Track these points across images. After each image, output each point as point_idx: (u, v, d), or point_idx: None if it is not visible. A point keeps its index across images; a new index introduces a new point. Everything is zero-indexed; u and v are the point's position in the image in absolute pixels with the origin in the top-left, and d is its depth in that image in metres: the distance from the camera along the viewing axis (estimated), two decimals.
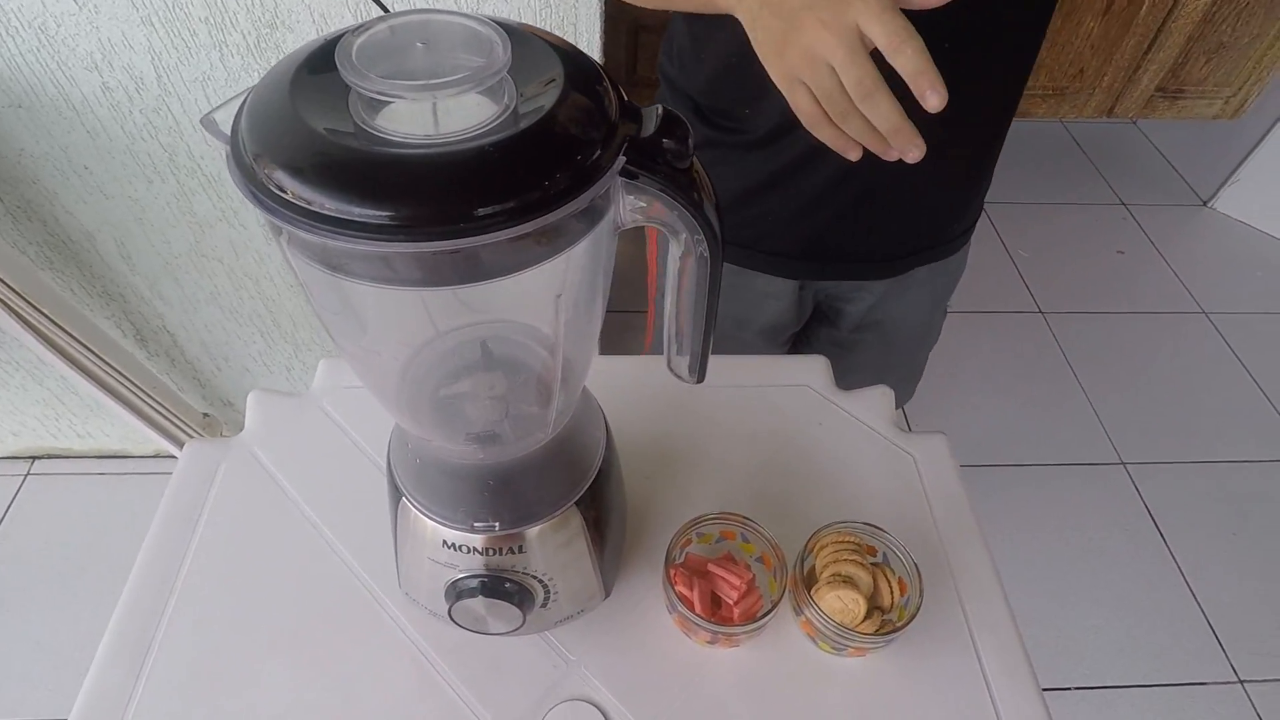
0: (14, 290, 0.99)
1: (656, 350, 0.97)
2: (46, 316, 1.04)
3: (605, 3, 0.86)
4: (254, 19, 0.83)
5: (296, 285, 1.17)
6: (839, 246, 0.79)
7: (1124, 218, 2.27)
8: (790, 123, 0.66)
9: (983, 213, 0.86)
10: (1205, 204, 2.33)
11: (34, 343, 1.04)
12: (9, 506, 1.44)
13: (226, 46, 0.85)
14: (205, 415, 1.41)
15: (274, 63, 0.89)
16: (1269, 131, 2.13)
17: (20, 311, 1.01)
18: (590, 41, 0.88)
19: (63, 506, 1.45)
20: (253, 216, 1.05)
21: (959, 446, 0.69)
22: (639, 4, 0.61)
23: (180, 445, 1.31)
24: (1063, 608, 1.44)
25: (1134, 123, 2.60)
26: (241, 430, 0.67)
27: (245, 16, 0.82)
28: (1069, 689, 1.34)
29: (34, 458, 1.50)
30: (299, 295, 1.19)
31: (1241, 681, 1.35)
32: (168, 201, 1.02)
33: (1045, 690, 0.54)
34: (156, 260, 1.10)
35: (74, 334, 1.08)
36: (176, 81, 0.88)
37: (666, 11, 0.71)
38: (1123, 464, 1.66)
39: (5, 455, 1.49)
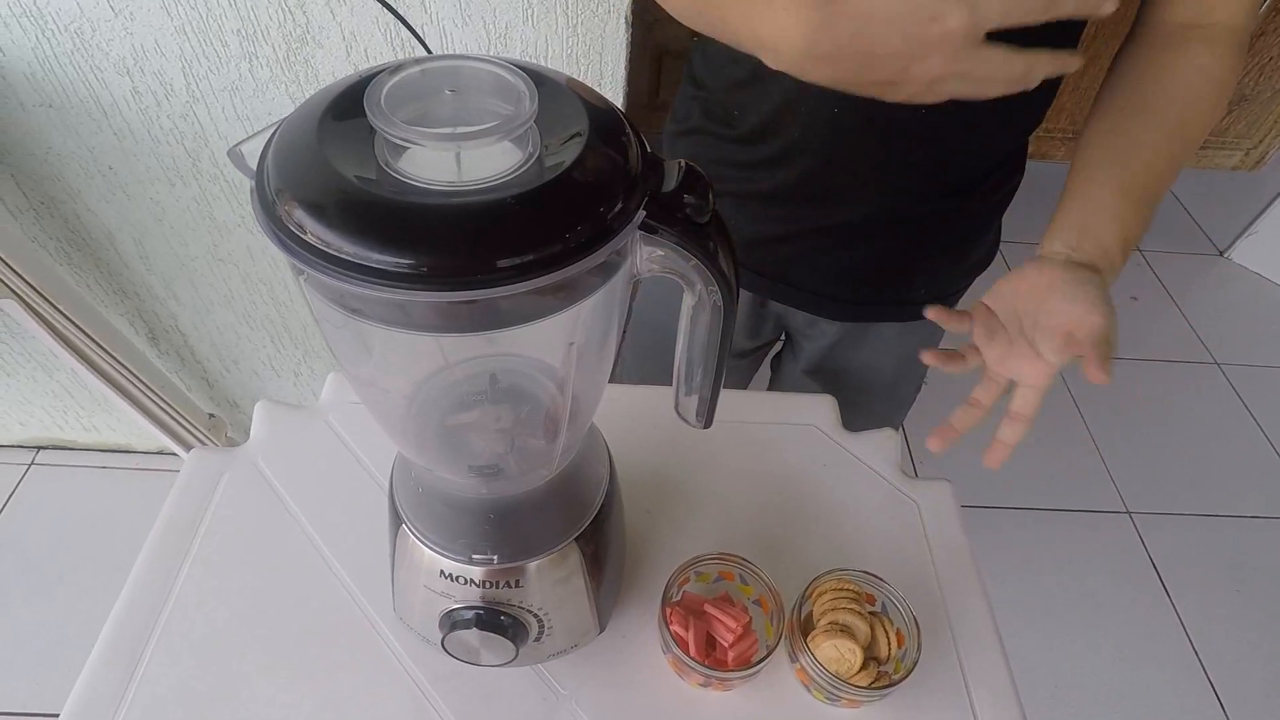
0: (30, 285, 1.00)
1: (628, 373, 0.96)
2: (61, 312, 1.05)
3: (631, 30, 0.87)
4: (285, 33, 0.84)
5: None
6: (792, 270, 0.77)
7: (1139, 264, 2.27)
8: (793, 144, 0.66)
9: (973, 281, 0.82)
10: (1222, 254, 2.32)
11: (46, 337, 1.05)
12: (11, 494, 1.45)
13: (256, 58, 0.86)
14: (211, 416, 1.41)
15: (302, 77, 0.90)
16: None
17: (35, 306, 1.02)
18: (615, 70, 0.89)
19: (65, 497, 1.46)
20: None
21: (962, 485, 0.68)
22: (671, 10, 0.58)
23: (184, 444, 1.32)
24: (1059, 655, 1.42)
25: None
26: (246, 433, 0.67)
27: (276, 30, 0.84)
28: None
29: (39, 447, 1.51)
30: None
31: None
32: (188, 205, 1.03)
33: None
34: (174, 261, 1.11)
35: (87, 330, 1.09)
36: (205, 90, 0.89)
37: (693, 36, 0.71)
38: (1128, 513, 1.65)
39: (11, 444, 1.50)
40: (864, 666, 0.52)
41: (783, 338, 0.95)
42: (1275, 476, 1.74)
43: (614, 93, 0.91)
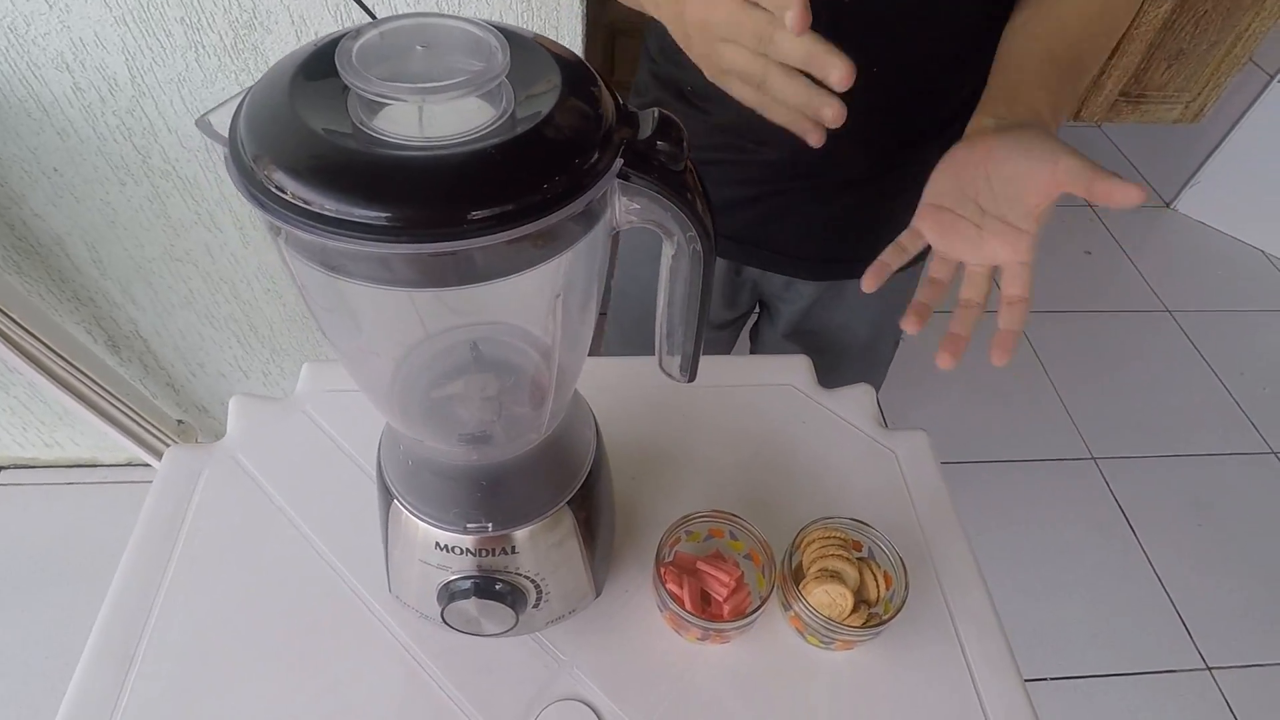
0: None
1: (611, 350, 0.97)
2: (15, 321, 1.01)
3: (587, 7, 0.87)
4: (231, 19, 0.82)
5: (274, 290, 1.15)
6: (764, 231, 0.77)
7: (1091, 219, 2.33)
8: (750, 111, 0.67)
9: None
10: (1168, 206, 2.39)
11: (2, 349, 1.02)
12: None
13: (203, 47, 0.84)
14: (180, 422, 1.38)
15: (251, 64, 0.88)
16: (1227, 135, 2.19)
17: None
18: (572, 45, 0.88)
19: (30, 518, 1.42)
20: (229, 219, 1.03)
21: (934, 442, 0.70)
22: None
23: (155, 453, 1.29)
24: (1037, 600, 1.47)
25: (1099, 127, 2.67)
26: (217, 437, 0.66)
27: (222, 17, 0.81)
28: (1045, 679, 1.37)
29: (1, 468, 1.46)
30: (276, 300, 1.17)
31: (1210, 669, 1.39)
32: (140, 204, 1.00)
33: (1018, 663, 0.56)
34: (129, 264, 1.08)
35: (43, 339, 1.06)
36: (151, 83, 0.87)
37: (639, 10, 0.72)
38: (1093, 459, 1.70)
39: None
40: (855, 609, 0.54)
41: (758, 308, 0.97)
42: (1228, 414, 1.82)
43: None
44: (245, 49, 0.85)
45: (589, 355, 0.45)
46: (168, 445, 1.29)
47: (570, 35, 0.88)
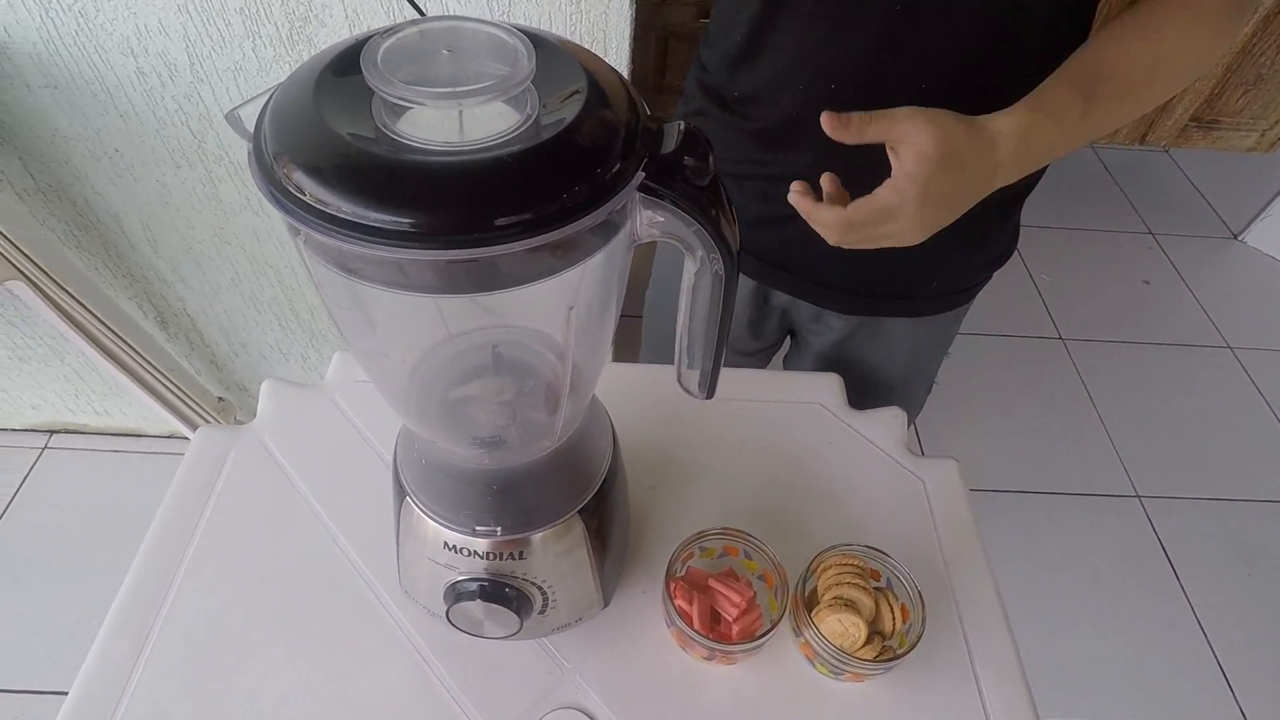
0: (40, 268, 1.01)
1: (647, 359, 0.96)
2: (71, 295, 1.05)
3: (635, 10, 0.86)
4: (288, 11, 0.84)
5: None
6: (796, 254, 0.75)
7: (1151, 247, 2.24)
8: (791, 120, 0.65)
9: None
10: (1236, 237, 2.29)
11: (57, 320, 1.06)
12: (25, 479, 1.47)
13: (260, 38, 0.86)
14: (220, 399, 1.42)
15: (305, 55, 0.90)
16: None
17: (45, 289, 1.02)
18: (619, 49, 0.88)
19: (77, 481, 1.48)
20: None
21: (970, 468, 0.68)
22: None
23: (194, 427, 1.33)
24: (1066, 638, 1.42)
25: (1166, 151, 2.57)
26: (255, 416, 0.68)
27: (280, 9, 0.83)
28: None
29: (52, 431, 1.53)
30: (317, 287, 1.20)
31: None
32: (194, 187, 1.03)
33: (1038, 713, 0.53)
34: (180, 244, 1.12)
35: (96, 313, 1.10)
36: (209, 70, 0.89)
37: (700, 19, 0.71)
38: (1138, 497, 1.64)
39: (24, 428, 1.51)
40: (869, 641, 0.52)
41: (790, 340, 0.94)
42: None
43: None
44: (300, 41, 0.86)
45: (615, 360, 0.44)
46: (208, 420, 1.33)
47: (618, 39, 0.87)
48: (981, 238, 0.74)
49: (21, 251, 0.98)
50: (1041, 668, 1.36)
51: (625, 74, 0.91)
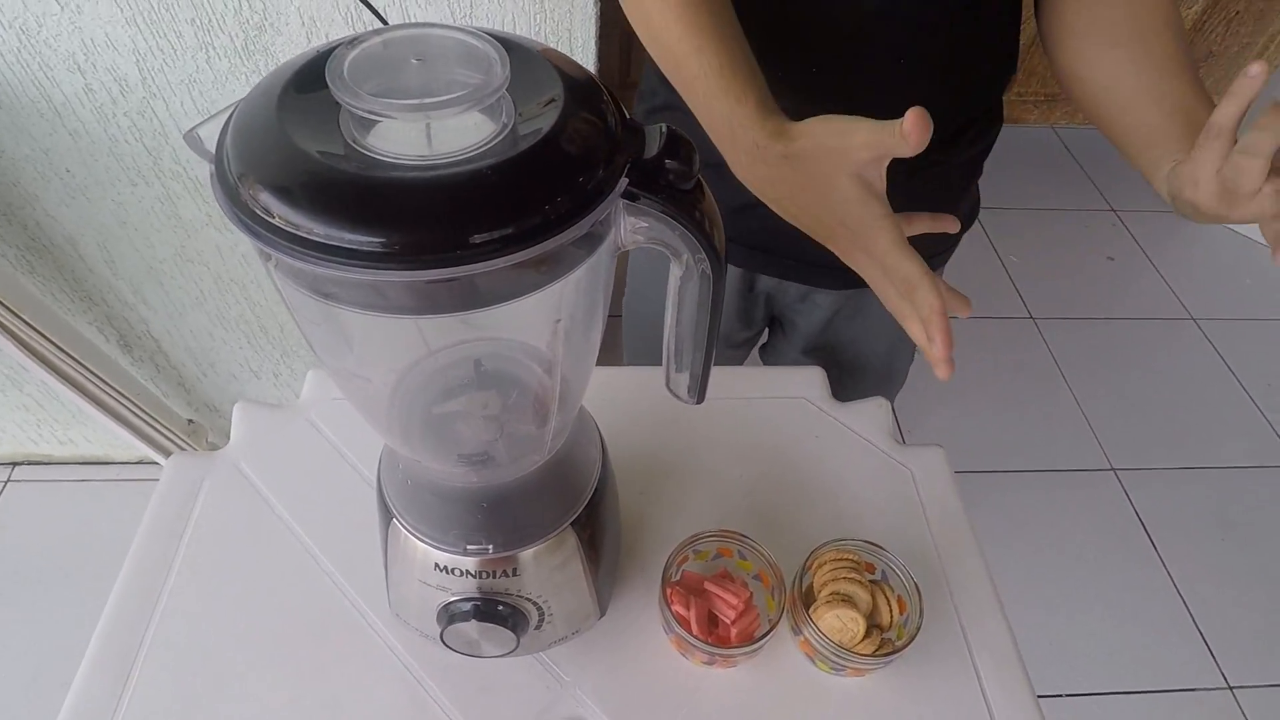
0: None
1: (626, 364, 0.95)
2: (26, 323, 1.02)
3: (600, 9, 0.85)
4: (241, 21, 0.81)
5: None
6: (780, 237, 0.75)
7: (1114, 224, 2.28)
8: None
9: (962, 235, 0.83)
10: None
11: (12, 349, 1.02)
12: None
13: (214, 49, 0.83)
14: (190, 422, 1.38)
15: (262, 66, 0.87)
16: None
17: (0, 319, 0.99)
18: (586, 48, 0.87)
19: (44, 513, 1.43)
20: None
21: (950, 452, 0.68)
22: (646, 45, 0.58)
23: (164, 452, 1.29)
24: (1054, 614, 1.44)
25: None
26: (228, 437, 0.65)
27: (233, 18, 0.81)
28: (1060, 696, 1.34)
29: (14, 464, 1.47)
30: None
31: (1231, 688, 1.36)
32: (152, 205, 1.00)
33: (1040, 698, 0.54)
34: (140, 264, 1.08)
35: (55, 340, 1.06)
36: (162, 84, 0.86)
37: None
38: (1113, 470, 1.67)
39: None
40: (867, 635, 0.52)
41: (768, 328, 0.94)
42: (1253, 426, 1.77)
43: None
44: (256, 51, 0.84)
45: (599, 365, 0.44)
46: (178, 444, 1.29)
47: (584, 38, 0.86)
48: (948, 202, 0.76)
49: None
50: (1030, 642, 1.37)
51: (596, 76, 0.90)
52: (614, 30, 1.90)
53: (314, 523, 0.60)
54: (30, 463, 1.47)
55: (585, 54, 0.87)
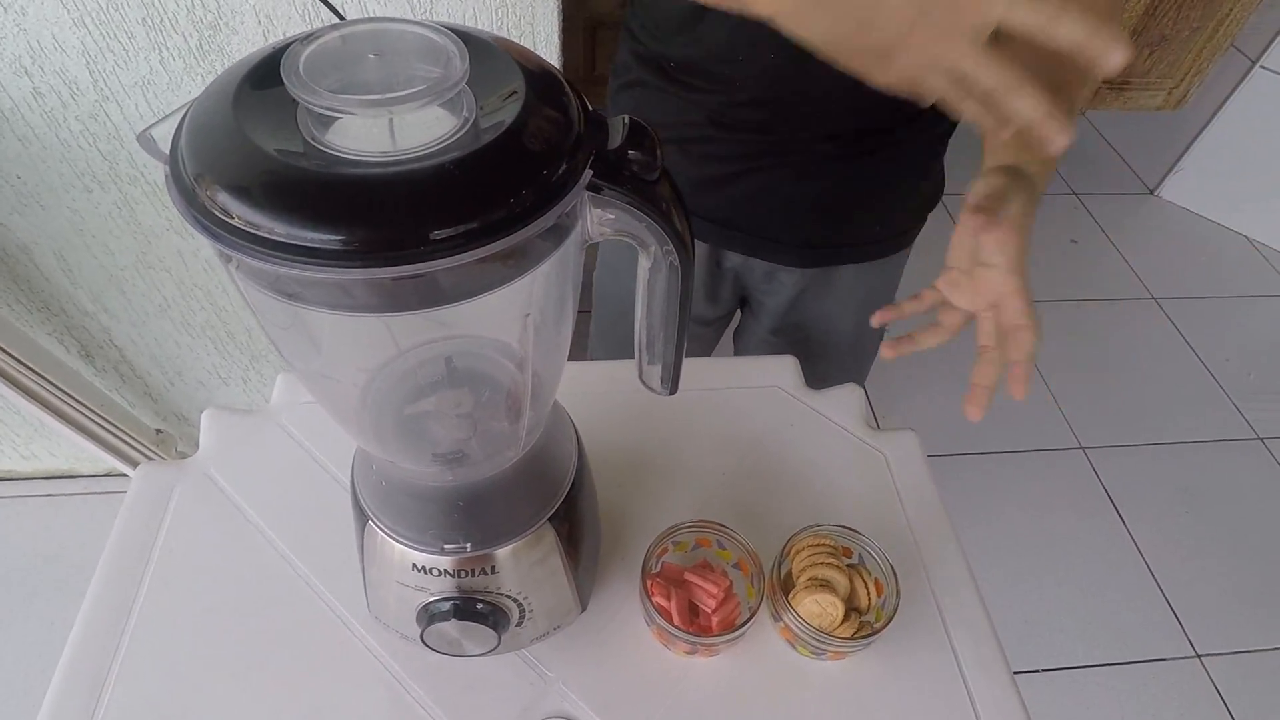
0: None
1: (597, 356, 0.95)
2: None
3: (562, 2, 0.85)
4: (195, 20, 0.79)
5: None
6: (744, 212, 0.76)
7: (1075, 207, 2.33)
8: (714, 69, 0.65)
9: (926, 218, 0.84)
10: (1152, 192, 2.40)
11: None
12: None
13: (167, 49, 0.81)
14: (158, 431, 1.35)
15: (218, 66, 0.85)
16: (1209, 122, 2.20)
17: None
18: (549, 42, 0.86)
19: (8, 530, 1.39)
20: None
21: (923, 435, 0.69)
22: None
23: (133, 464, 1.26)
24: (1027, 591, 1.47)
25: (1083, 114, 2.67)
26: (197, 446, 0.64)
27: (185, 18, 0.79)
28: (1036, 671, 1.37)
29: None
30: None
31: (1199, 656, 1.40)
32: (109, 211, 0.97)
33: (1015, 674, 0.55)
34: (100, 272, 1.06)
35: (12, 352, 1.03)
36: (115, 86, 0.84)
37: (624, 5, 0.70)
38: (1081, 448, 1.71)
39: None
40: (846, 618, 0.53)
41: (739, 310, 0.95)
42: (1214, 401, 1.82)
43: None
44: (211, 51, 0.82)
45: (570, 360, 0.43)
46: (147, 455, 1.27)
47: (547, 32, 0.86)
48: (912, 179, 0.78)
49: None
50: (1004, 619, 1.41)
51: (558, 68, 0.89)
52: (578, 24, 1.90)
53: (288, 528, 0.59)
54: None
55: (549, 48, 0.87)
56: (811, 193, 0.74)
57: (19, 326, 1.09)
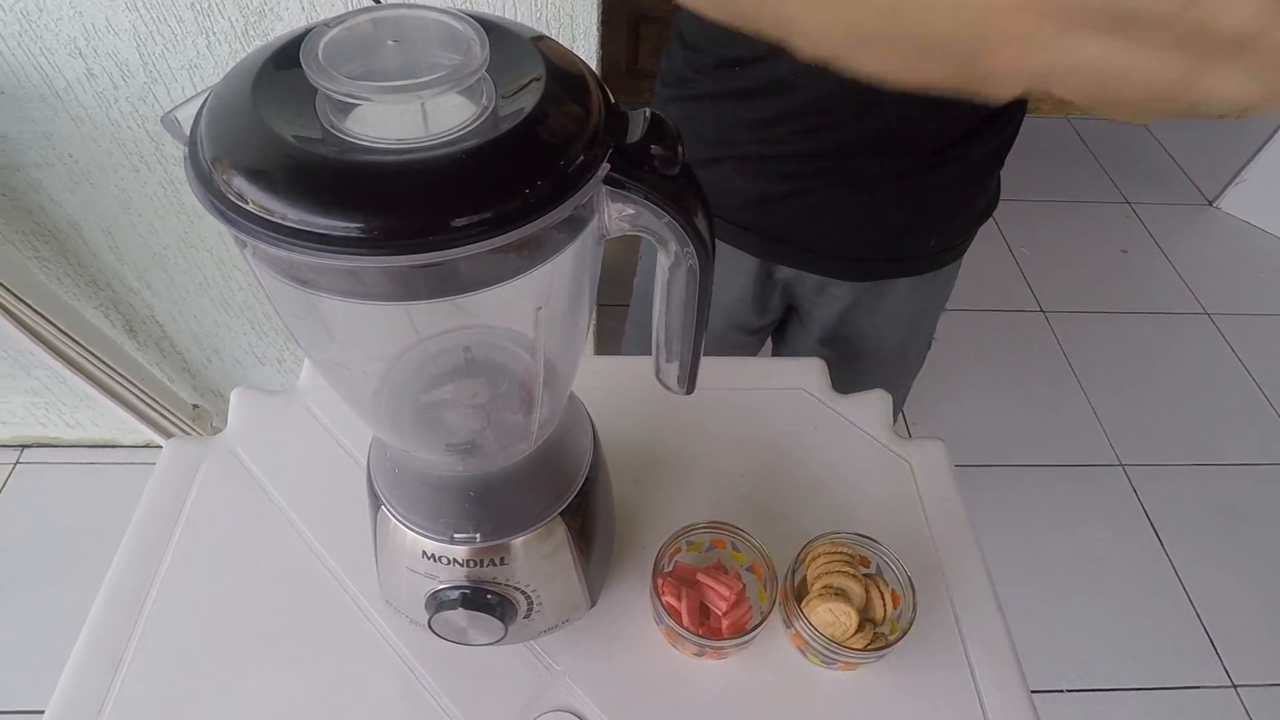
0: None
1: (630, 350, 0.95)
2: (32, 308, 1.02)
3: None
4: (241, 6, 0.81)
5: None
6: (799, 228, 0.75)
7: (1128, 216, 2.26)
8: (775, 82, 0.64)
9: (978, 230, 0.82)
10: (1211, 204, 2.31)
11: (18, 334, 1.02)
12: None
13: (213, 34, 0.83)
14: (195, 407, 1.39)
15: None
16: (1275, 132, 2.10)
17: (4, 304, 0.99)
18: (588, 34, 0.86)
19: (52, 495, 1.44)
20: None
21: (956, 445, 0.68)
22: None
23: (169, 437, 1.30)
24: (1056, 609, 1.43)
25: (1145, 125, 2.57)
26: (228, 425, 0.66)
27: (232, 3, 0.80)
28: (1061, 691, 1.33)
29: (23, 446, 1.49)
30: None
31: (1235, 686, 1.35)
32: (155, 191, 1.00)
33: (1037, 693, 0.53)
34: (145, 250, 1.09)
35: (61, 326, 1.06)
36: (163, 69, 0.86)
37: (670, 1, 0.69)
38: (1121, 465, 1.65)
39: None
40: (860, 629, 0.52)
41: (784, 315, 0.93)
42: (1265, 423, 1.75)
43: (587, 59, 0.89)
44: (255, 36, 0.84)
45: (602, 354, 0.43)
46: (183, 429, 1.30)
47: (586, 23, 0.85)
48: (969, 193, 0.76)
49: None
50: (1032, 640, 1.37)
51: (595, 60, 0.89)
52: (620, 17, 1.89)
53: (308, 508, 0.60)
54: (39, 445, 1.49)
55: (588, 40, 0.87)
56: (868, 208, 0.72)
57: (68, 301, 1.13)
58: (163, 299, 1.18)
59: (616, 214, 0.31)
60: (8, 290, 0.99)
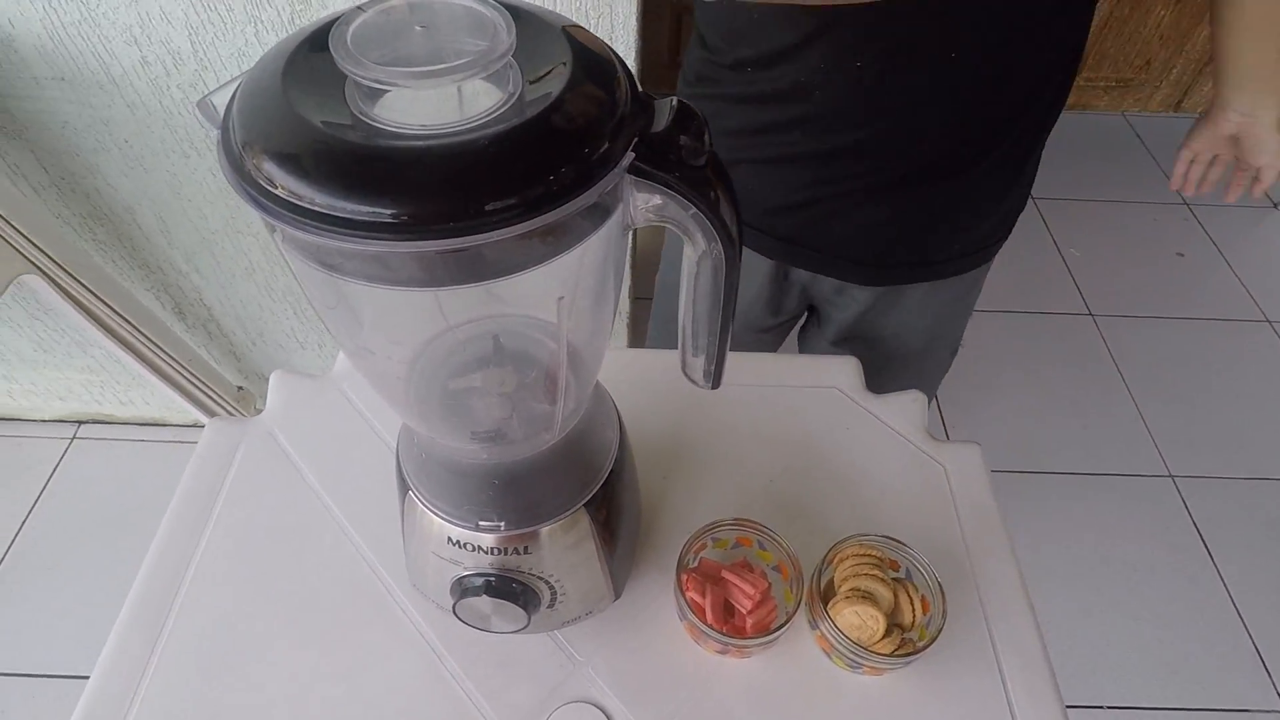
0: (55, 262, 1.02)
1: (655, 346, 0.94)
2: (89, 289, 1.06)
3: None
4: None
5: None
6: (816, 233, 0.74)
7: (1186, 218, 2.16)
8: (793, 86, 0.63)
9: (1014, 225, 0.78)
10: (1276, 206, 2.20)
11: (73, 313, 1.07)
12: (55, 469, 1.50)
13: (261, 23, 0.85)
14: (240, 388, 1.43)
15: None
16: None
17: (60, 283, 1.03)
18: (626, 26, 0.86)
19: (105, 470, 1.50)
20: None
21: (996, 450, 0.66)
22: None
23: (214, 417, 1.34)
24: (1098, 623, 1.39)
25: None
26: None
27: None
28: (1100, 708, 1.29)
29: (80, 422, 1.55)
30: None
31: None
32: (204, 177, 1.03)
33: (1075, 708, 0.52)
34: (194, 234, 1.12)
35: (113, 305, 1.10)
36: (213, 57, 0.88)
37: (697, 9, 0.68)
38: (1171, 477, 1.59)
39: (53, 418, 1.54)
40: (887, 633, 0.51)
41: (806, 313, 0.92)
42: None
43: (626, 51, 0.88)
44: (302, 23, 0.85)
45: (623, 346, 0.43)
46: (228, 410, 1.34)
47: (625, 15, 0.85)
48: (995, 196, 0.73)
49: (37, 246, 0.99)
50: (1071, 654, 1.33)
51: (634, 51, 0.89)
52: (663, 9, 1.87)
53: (341, 492, 0.61)
54: (95, 421, 1.55)
55: (626, 32, 0.86)
56: (891, 212, 0.71)
57: (122, 282, 1.17)
58: (210, 283, 1.21)
59: (642, 204, 0.31)
60: (68, 273, 1.03)
